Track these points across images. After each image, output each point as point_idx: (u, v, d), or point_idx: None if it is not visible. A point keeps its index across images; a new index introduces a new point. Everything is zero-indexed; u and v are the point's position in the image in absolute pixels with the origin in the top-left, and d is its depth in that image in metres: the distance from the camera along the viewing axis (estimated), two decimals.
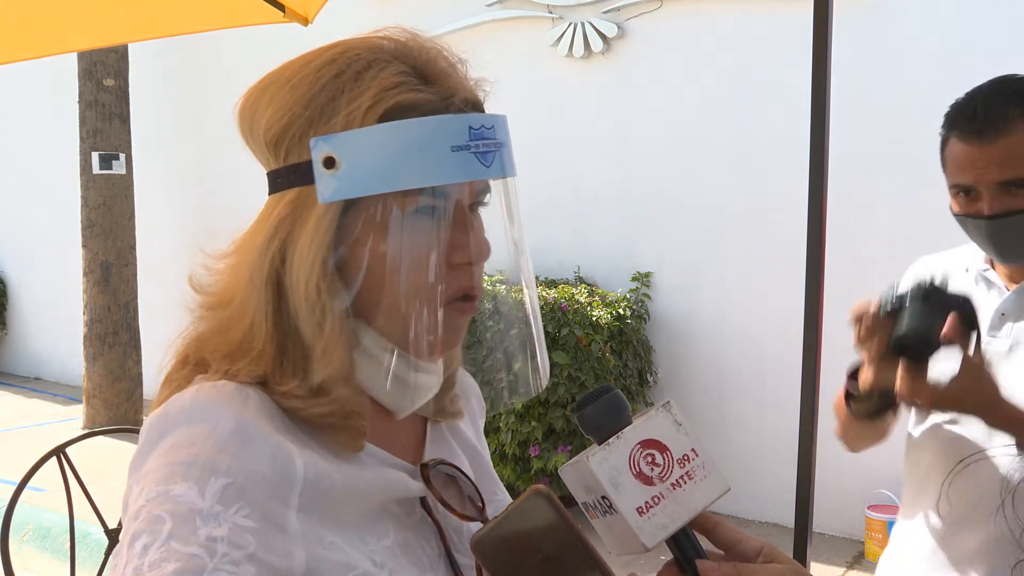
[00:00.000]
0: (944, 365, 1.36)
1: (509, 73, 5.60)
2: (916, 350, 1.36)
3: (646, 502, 0.75)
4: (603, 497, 0.75)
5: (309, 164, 0.77)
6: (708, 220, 4.96)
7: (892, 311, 1.39)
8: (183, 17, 2.29)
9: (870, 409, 1.54)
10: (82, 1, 2.08)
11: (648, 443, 0.77)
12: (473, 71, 0.86)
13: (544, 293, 4.85)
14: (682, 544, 0.77)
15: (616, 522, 0.76)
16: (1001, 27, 4.05)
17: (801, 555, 2.00)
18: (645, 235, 5.21)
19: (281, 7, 2.09)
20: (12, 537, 2.38)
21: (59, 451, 2.55)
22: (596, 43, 5.24)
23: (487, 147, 0.81)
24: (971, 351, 1.34)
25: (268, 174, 0.82)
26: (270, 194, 0.82)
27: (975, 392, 1.33)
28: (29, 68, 7.64)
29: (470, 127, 0.79)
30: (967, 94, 1.48)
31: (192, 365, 0.82)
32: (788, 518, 2.16)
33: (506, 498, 0.98)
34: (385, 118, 0.76)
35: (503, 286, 0.93)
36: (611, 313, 4.83)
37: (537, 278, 5.47)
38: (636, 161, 5.21)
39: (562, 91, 5.42)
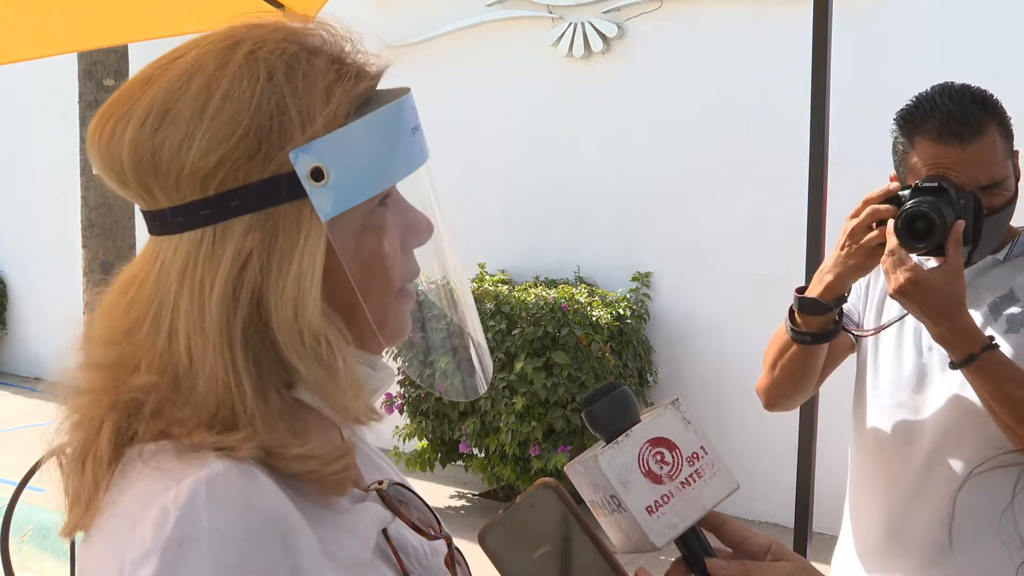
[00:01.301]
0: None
1: (509, 73, 5.60)
2: (914, 232, 1.41)
3: (655, 501, 0.74)
4: (612, 496, 0.75)
5: (272, 182, 0.67)
6: (708, 220, 4.96)
7: (901, 200, 1.45)
8: (183, 17, 2.29)
9: (816, 326, 1.55)
10: (82, 1, 2.08)
11: (657, 441, 0.76)
12: (362, 44, 0.77)
13: (544, 293, 4.85)
14: (690, 542, 0.76)
15: (624, 520, 0.75)
16: (1000, 27, 4.05)
17: (801, 555, 1.99)
18: (645, 235, 5.21)
19: (281, 6, 2.09)
20: (12, 537, 2.37)
21: (59, 451, 2.55)
22: (596, 43, 5.24)
23: (419, 123, 0.76)
24: (958, 258, 1.40)
25: (176, 208, 0.68)
26: (177, 232, 0.68)
27: (946, 290, 1.38)
28: (29, 68, 7.63)
29: (411, 106, 0.75)
30: (926, 99, 1.49)
31: (139, 437, 0.68)
32: (788, 518, 2.16)
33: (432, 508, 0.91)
34: (349, 115, 0.70)
35: (441, 275, 0.89)
36: (611, 313, 4.83)
37: (537, 278, 5.47)
38: (636, 161, 5.21)
39: (562, 91, 5.42)
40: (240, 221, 0.68)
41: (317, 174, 0.68)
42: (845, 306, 1.60)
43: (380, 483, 0.81)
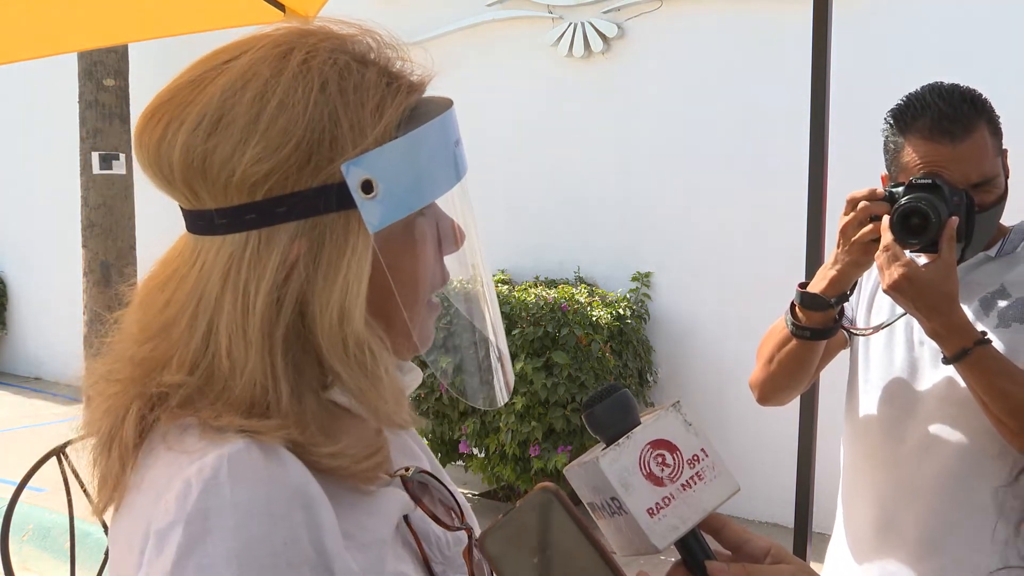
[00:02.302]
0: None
1: (509, 73, 5.60)
2: (909, 228, 1.43)
3: (656, 503, 0.74)
4: (612, 498, 0.74)
5: (321, 191, 0.68)
6: (708, 220, 4.96)
7: (895, 197, 1.47)
8: (183, 17, 2.29)
9: (817, 321, 1.56)
10: (82, 1, 2.08)
11: (658, 443, 0.76)
12: (412, 56, 0.79)
13: (544, 293, 4.86)
14: (690, 545, 0.76)
15: (625, 523, 0.75)
16: (1000, 27, 4.05)
17: (801, 555, 2.00)
18: (645, 235, 5.21)
19: (281, 7, 2.09)
20: (12, 537, 2.38)
21: (59, 451, 2.55)
22: (596, 43, 5.24)
23: (459, 136, 0.79)
24: (951, 254, 1.42)
25: (221, 211, 0.69)
26: (221, 233, 0.70)
27: (939, 285, 1.40)
28: (29, 68, 7.63)
29: (454, 119, 0.77)
30: (916, 98, 1.52)
31: (163, 421, 0.70)
32: (788, 518, 2.16)
33: (461, 496, 0.92)
34: (398, 129, 0.71)
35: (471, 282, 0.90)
36: (611, 313, 4.83)
37: (537, 278, 5.47)
38: (636, 161, 5.21)
39: (562, 91, 5.42)
40: (286, 228, 0.69)
41: (367, 187, 0.69)
42: None
43: (406, 470, 0.82)
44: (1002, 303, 1.52)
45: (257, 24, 0.79)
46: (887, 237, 1.44)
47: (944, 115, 1.46)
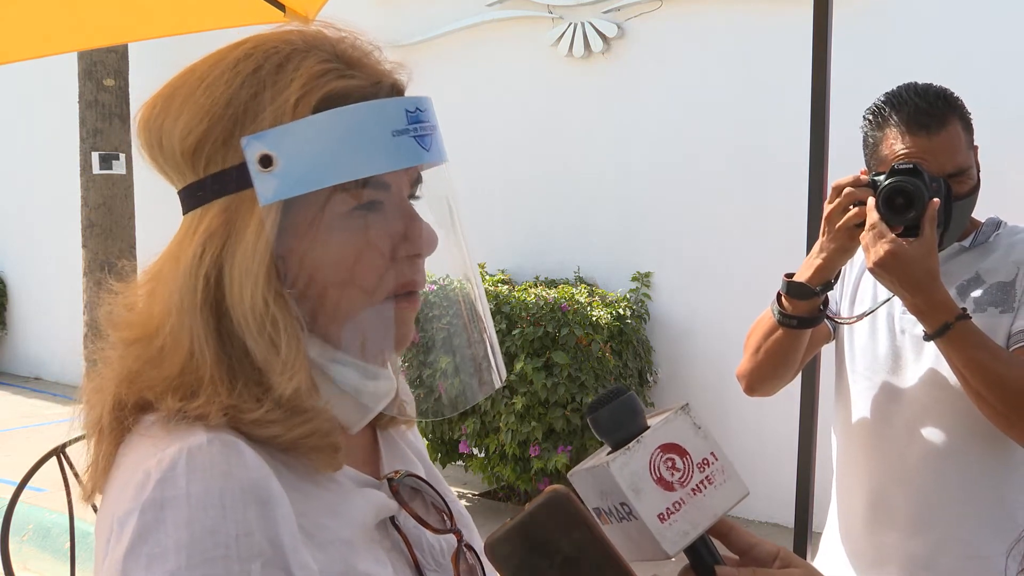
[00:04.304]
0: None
1: (509, 73, 5.60)
2: (894, 207, 1.48)
3: (667, 508, 0.73)
4: (622, 503, 0.73)
5: (238, 168, 0.72)
6: (708, 220, 4.95)
7: (877, 185, 1.53)
8: (183, 17, 2.29)
9: (803, 310, 1.60)
10: (82, 1, 2.08)
11: (668, 447, 0.75)
12: (393, 57, 0.79)
13: (544, 293, 4.85)
14: (699, 550, 0.75)
15: (634, 529, 0.74)
16: (1000, 27, 4.04)
17: (801, 555, 1.99)
18: (645, 235, 5.21)
19: (281, 7, 2.09)
20: (12, 537, 2.38)
21: (59, 451, 2.55)
22: (596, 43, 5.24)
23: (424, 130, 0.76)
24: (933, 233, 1.48)
25: (183, 190, 0.75)
26: (187, 211, 0.75)
27: (922, 262, 1.45)
28: (29, 68, 7.63)
29: (406, 110, 0.75)
30: (894, 96, 1.61)
31: (131, 407, 0.73)
32: (788, 518, 2.16)
33: (457, 502, 0.91)
34: (317, 108, 0.72)
35: (450, 283, 0.88)
36: (611, 313, 4.82)
37: (537, 278, 5.47)
38: (636, 161, 5.21)
39: (562, 91, 5.42)
40: (216, 203, 0.73)
41: (266, 161, 0.71)
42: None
43: (395, 473, 0.82)
44: (977, 290, 1.60)
45: (257, 24, 0.80)
46: (873, 216, 1.49)
47: (920, 110, 1.54)
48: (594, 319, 4.71)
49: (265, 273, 0.71)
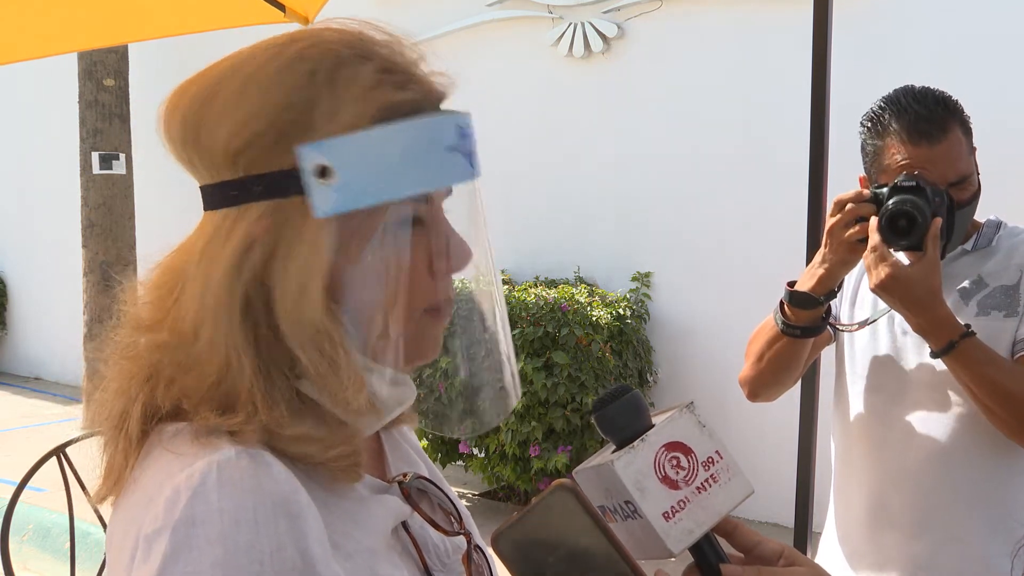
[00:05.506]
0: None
1: (509, 73, 5.60)
2: (896, 230, 1.48)
3: (672, 507, 0.73)
4: (626, 501, 0.73)
5: (288, 174, 0.69)
6: (708, 220, 4.96)
7: (879, 198, 1.52)
8: (183, 17, 2.29)
9: (806, 319, 1.60)
10: (82, 1, 2.08)
11: (673, 446, 0.75)
12: (438, 65, 0.79)
13: (544, 293, 4.85)
14: (704, 549, 0.75)
15: (639, 527, 0.73)
16: (999, 27, 4.05)
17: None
18: (645, 235, 5.21)
19: (281, 7, 2.09)
20: (12, 537, 2.38)
21: (59, 451, 2.55)
22: (596, 43, 5.24)
23: (471, 146, 0.76)
24: (936, 253, 1.48)
25: (213, 186, 0.73)
26: (213, 208, 0.73)
27: (924, 282, 1.46)
28: (29, 68, 7.64)
29: (458, 126, 0.75)
30: (892, 102, 1.59)
31: (164, 415, 0.72)
32: (788, 518, 2.16)
33: (459, 501, 0.92)
34: (375, 120, 0.70)
35: (477, 294, 0.87)
36: (611, 313, 4.83)
37: (537, 278, 5.47)
38: (636, 161, 5.21)
39: (562, 91, 5.42)
40: (257, 206, 0.70)
41: (324, 172, 0.69)
42: None
43: (404, 476, 0.82)
44: (980, 293, 1.60)
45: (257, 24, 0.79)
46: (875, 238, 1.49)
47: (921, 117, 1.53)
48: (594, 319, 4.71)
49: (322, 288, 0.69)
